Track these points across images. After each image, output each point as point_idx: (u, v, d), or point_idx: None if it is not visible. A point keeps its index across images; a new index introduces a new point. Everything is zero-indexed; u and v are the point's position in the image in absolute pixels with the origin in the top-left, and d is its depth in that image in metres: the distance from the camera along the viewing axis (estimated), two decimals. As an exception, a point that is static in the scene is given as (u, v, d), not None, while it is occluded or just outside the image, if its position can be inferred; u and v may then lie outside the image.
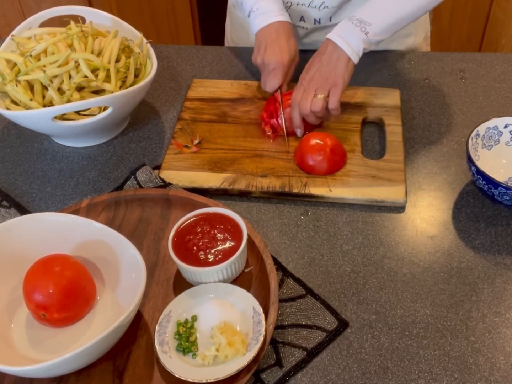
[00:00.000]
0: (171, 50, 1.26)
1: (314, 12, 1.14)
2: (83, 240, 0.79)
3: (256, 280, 0.80)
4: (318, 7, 1.12)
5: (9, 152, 1.04)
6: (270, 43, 1.05)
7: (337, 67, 0.97)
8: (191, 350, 0.71)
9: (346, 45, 0.97)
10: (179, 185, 0.93)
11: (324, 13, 1.14)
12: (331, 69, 0.97)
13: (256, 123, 1.04)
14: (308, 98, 0.97)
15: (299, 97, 0.99)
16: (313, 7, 1.13)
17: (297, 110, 0.99)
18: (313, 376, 0.71)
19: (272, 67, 1.04)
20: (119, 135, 1.06)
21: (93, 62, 0.96)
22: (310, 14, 1.15)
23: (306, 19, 1.16)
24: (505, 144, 0.93)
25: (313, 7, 1.13)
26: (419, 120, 1.06)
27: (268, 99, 1.06)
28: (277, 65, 1.04)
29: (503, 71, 1.16)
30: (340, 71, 0.97)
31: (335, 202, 0.92)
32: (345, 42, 0.97)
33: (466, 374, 0.71)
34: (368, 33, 0.97)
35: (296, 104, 0.99)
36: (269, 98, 1.06)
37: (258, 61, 1.07)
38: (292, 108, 1.00)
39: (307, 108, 0.97)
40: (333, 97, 0.97)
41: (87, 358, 0.69)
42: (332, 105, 0.97)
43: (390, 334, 0.75)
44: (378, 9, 0.99)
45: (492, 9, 2.12)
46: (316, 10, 1.13)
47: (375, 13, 0.98)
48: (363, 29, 0.96)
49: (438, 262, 0.83)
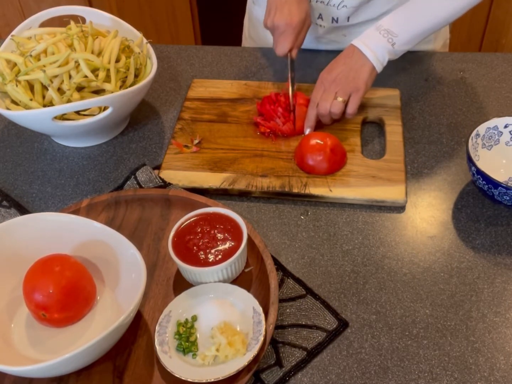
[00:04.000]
0: (171, 50, 1.26)
1: (333, 11, 1.14)
2: (83, 240, 0.79)
3: (256, 280, 0.80)
4: (337, 6, 1.13)
5: (9, 152, 1.04)
6: (280, 5, 1.03)
7: (361, 73, 0.97)
8: (191, 350, 0.71)
9: (372, 55, 0.97)
10: (179, 185, 0.93)
11: (343, 12, 1.14)
12: (355, 74, 0.97)
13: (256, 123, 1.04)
14: (328, 99, 0.98)
15: (319, 96, 0.99)
16: (331, 6, 1.13)
17: (315, 109, 0.99)
18: (313, 376, 0.71)
19: (281, 30, 1.03)
20: (119, 135, 1.06)
21: (93, 62, 0.96)
22: (328, 12, 1.15)
23: (324, 17, 1.16)
24: (505, 144, 0.93)
25: (332, 5, 1.13)
26: (419, 120, 1.06)
27: (261, 102, 1.05)
28: (286, 27, 1.02)
29: (503, 71, 1.16)
30: (364, 77, 0.97)
31: (335, 202, 0.92)
32: (371, 51, 0.97)
33: (466, 374, 0.71)
34: (394, 44, 0.97)
35: (315, 103, 0.99)
36: (262, 101, 1.05)
37: (268, 24, 1.05)
38: (310, 106, 1.00)
39: (326, 108, 0.97)
40: (353, 102, 0.98)
41: (87, 358, 0.69)
42: (351, 110, 0.98)
43: (390, 334, 0.75)
44: (405, 20, 0.99)
45: (492, 9, 2.12)
46: (334, 8, 1.13)
47: (402, 24, 0.98)
48: (390, 40, 0.97)
49: (438, 262, 0.83)
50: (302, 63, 1.18)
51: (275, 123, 1.01)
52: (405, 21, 0.99)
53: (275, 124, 1.01)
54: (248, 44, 1.36)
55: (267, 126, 1.01)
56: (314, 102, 0.99)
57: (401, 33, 0.97)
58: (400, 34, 0.97)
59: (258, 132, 1.02)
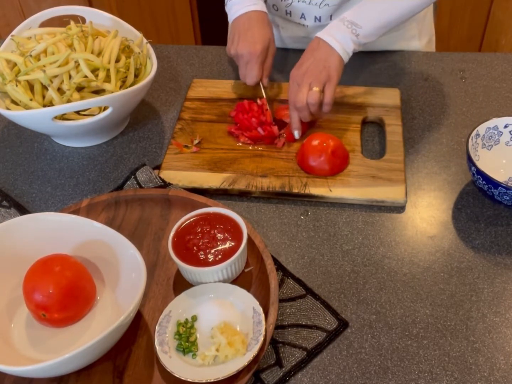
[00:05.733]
0: (171, 50, 1.26)
1: (315, 10, 1.14)
2: (83, 240, 0.79)
3: (256, 280, 0.80)
4: (318, 5, 1.12)
5: (9, 152, 1.04)
6: (242, 33, 1.04)
7: (331, 62, 0.97)
8: (191, 350, 0.71)
9: (339, 45, 0.97)
10: (179, 185, 0.93)
11: (325, 11, 1.14)
12: (325, 63, 0.97)
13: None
14: (303, 90, 0.96)
15: (294, 93, 0.97)
16: (313, 4, 1.13)
17: (295, 111, 0.98)
18: (313, 376, 0.71)
19: (246, 59, 1.03)
20: (119, 135, 1.06)
21: (93, 62, 0.96)
22: (310, 11, 1.15)
23: (306, 16, 1.16)
24: (505, 144, 0.93)
25: (313, 4, 1.13)
26: (419, 120, 1.06)
27: (235, 109, 1.05)
28: (251, 56, 1.02)
29: (503, 71, 1.16)
30: (334, 66, 0.97)
31: (335, 202, 0.92)
32: (336, 41, 0.97)
33: (466, 374, 0.71)
34: (358, 35, 0.97)
35: (293, 104, 0.97)
36: (236, 108, 1.05)
37: (232, 52, 1.06)
38: (290, 109, 0.99)
39: (303, 101, 0.96)
40: (328, 91, 0.96)
41: (87, 358, 0.69)
42: (328, 99, 0.96)
43: (390, 334, 0.75)
44: (368, 12, 0.99)
45: (492, 9, 2.12)
46: (316, 7, 1.13)
47: (366, 16, 0.99)
48: (354, 31, 0.97)
49: (438, 262, 0.83)
50: (286, 63, 1.19)
51: (256, 132, 0.99)
52: (369, 12, 0.99)
53: (256, 133, 0.99)
54: None
55: (248, 135, 1.00)
56: (292, 101, 0.98)
57: (364, 25, 0.98)
58: (364, 25, 0.98)
59: (238, 143, 1.00)
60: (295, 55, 1.20)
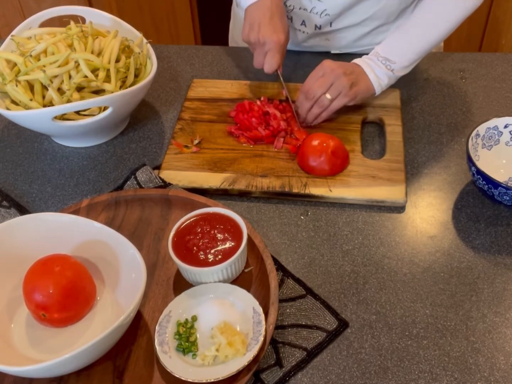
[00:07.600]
0: (171, 50, 1.26)
1: (316, 18, 1.14)
2: (83, 240, 0.79)
3: (256, 280, 0.80)
4: (319, 14, 1.12)
5: (9, 152, 1.04)
6: (264, 20, 1.02)
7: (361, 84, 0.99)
8: (191, 350, 0.71)
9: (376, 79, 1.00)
10: (179, 185, 0.93)
11: (325, 20, 1.14)
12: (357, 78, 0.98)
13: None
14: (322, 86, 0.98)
15: (315, 78, 0.99)
16: (314, 13, 1.13)
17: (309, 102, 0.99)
18: (313, 376, 0.71)
19: (268, 47, 1.02)
20: (119, 135, 1.06)
21: (93, 62, 0.96)
22: (311, 19, 1.14)
23: (307, 24, 1.16)
24: (505, 144, 0.93)
25: (314, 13, 1.12)
26: (419, 120, 1.06)
27: (235, 110, 1.05)
28: (274, 45, 1.01)
29: (503, 71, 1.16)
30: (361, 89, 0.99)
31: (335, 202, 0.92)
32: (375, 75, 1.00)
33: (466, 374, 0.71)
34: (393, 70, 1.00)
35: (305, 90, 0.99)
36: (236, 108, 1.05)
37: (251, 38, 1.03)
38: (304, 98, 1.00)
39: (314, 96, 0.98)
40: (336, 102, 0.98)
41: (87, 358, 0.69)
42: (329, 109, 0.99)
43: (390, 334, 0.75)
44: (400, 45, 1.02)
45: (492, 9, 2.12)
46: (317, 16, 1.13)
47: (398, 50, 1.01)
48: (389, 67, 1.00)
49: (438, 262, 0.83)
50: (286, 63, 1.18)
51: (256, 132, 1.00)
52: (401, 45, 1.02)
53: (256, 133, 1.00)
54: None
55: (248, 135, 1.00)
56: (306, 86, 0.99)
57: (398, 60, 1.00)
58: (398, 61, 1.00)
59: (239, 142, 1.01)
60: (293, 55, 1.20)
